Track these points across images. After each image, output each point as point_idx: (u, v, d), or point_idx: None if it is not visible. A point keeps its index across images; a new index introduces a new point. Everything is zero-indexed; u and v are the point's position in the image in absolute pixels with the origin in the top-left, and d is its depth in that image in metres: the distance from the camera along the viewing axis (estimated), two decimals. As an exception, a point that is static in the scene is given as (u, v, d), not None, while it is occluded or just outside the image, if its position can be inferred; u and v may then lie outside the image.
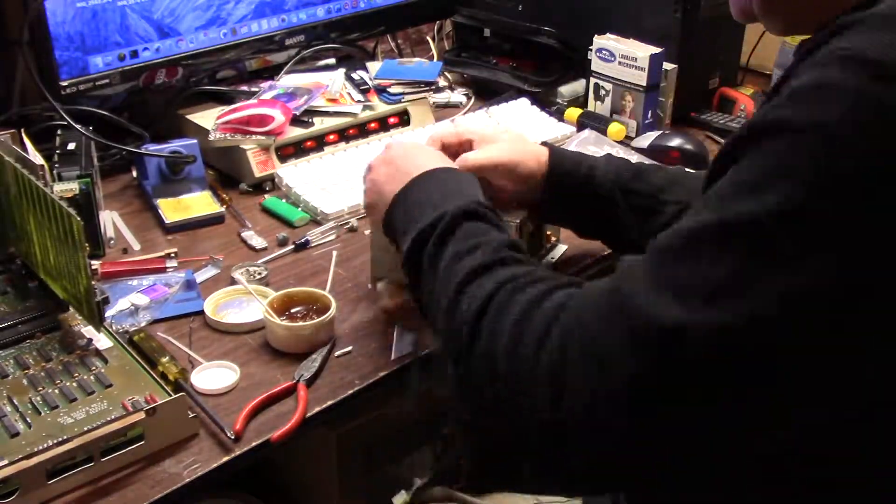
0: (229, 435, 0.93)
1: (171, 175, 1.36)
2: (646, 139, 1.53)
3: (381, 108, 1.55)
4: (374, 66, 1.63)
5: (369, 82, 1.59)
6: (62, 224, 0.96)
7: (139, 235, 1.30)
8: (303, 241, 1.28)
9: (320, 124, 1.48)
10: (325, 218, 1.33)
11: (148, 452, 0.91)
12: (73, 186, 1.19)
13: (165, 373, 0.99)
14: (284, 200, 1.38)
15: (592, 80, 1.62)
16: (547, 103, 1.68)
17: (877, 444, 0.72)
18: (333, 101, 1.53)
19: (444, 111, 1.69)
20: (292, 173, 1.41)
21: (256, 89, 1.53)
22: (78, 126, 1.31)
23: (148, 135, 1.43)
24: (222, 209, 1.35)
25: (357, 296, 1.17)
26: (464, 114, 1.67)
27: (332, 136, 1.49)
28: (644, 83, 1.54)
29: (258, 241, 1.28)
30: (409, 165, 0.98)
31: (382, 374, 1.04)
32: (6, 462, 0.85)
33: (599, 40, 1.59)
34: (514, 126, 1.59)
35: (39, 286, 1.10)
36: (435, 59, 1.83)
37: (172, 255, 1.22)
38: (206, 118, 1.46)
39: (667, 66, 1.56)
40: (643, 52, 1.53)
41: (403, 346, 1.07)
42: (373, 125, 1.53)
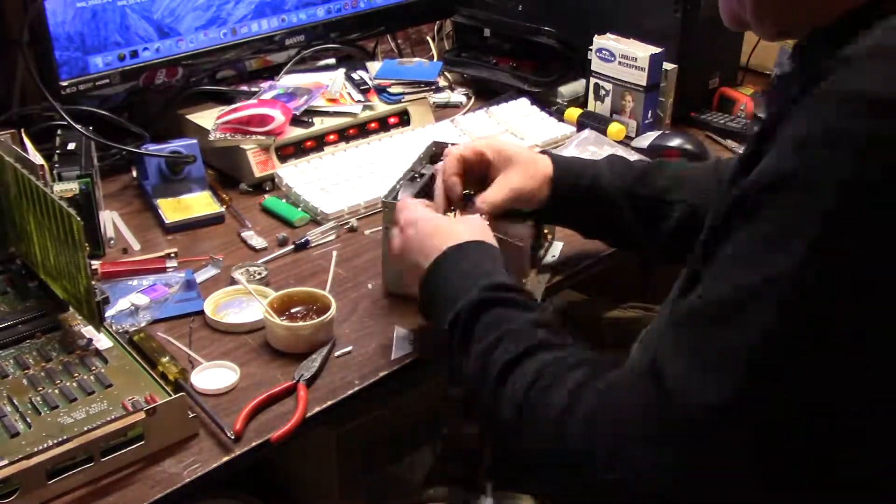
0: (229, 435, 0.93)
1: (171, 175, 1.36)
2: (646, 139, 1.53)
3: (381, 108, 1.55)
4: (374, 66, 1.63)
5: (369, 82, 1.59)
6: (62, 224, 0.96)
7: (139, 235, 1.30)
8: (303, 241, 1.28)
9: (320, 124, 1.48)
10: (325, 218, 1.33)
11: (148, 452, 0.91)
12: (73, 186, 1.19)
13: (165, 373, 0.99)
14: (284, 200, 1.38)
15: (592, 80, 1.62)
16: (547, 103, 1.68)
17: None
18: (333, 101, 1.53)
19: (444, 111, 1.69)
20: (292, 173, 1.41)
21: (256, 89, 1.53)
22: (78, 126, 1.31)
23: (148, 135, 1.43)
24: (222, 209, 1.35)
25: (357, 296, 1.17)
26: (464, 114, 1.67)
27: (332, 136, 1.49)
28: (644, 83, 1.54)
29: (258, 241, 1.28)
30: (434, 241, 0.98)
31: (382, 374, 1.04)
32: (6, 462, 0.85)
33: (599, 40, 1.59)
34: (514, 126, 1.59)
35: (39, 286, 1.10)
36: (435, 59, 1.83)
37: (172, 255, 1.22)
38: (206, 118, 1.46)
39: (667, 66, 1.56)
40: (643, 52, 1.53)
41: (403, 346, 1.07)
42: (373, 125, 1.53)
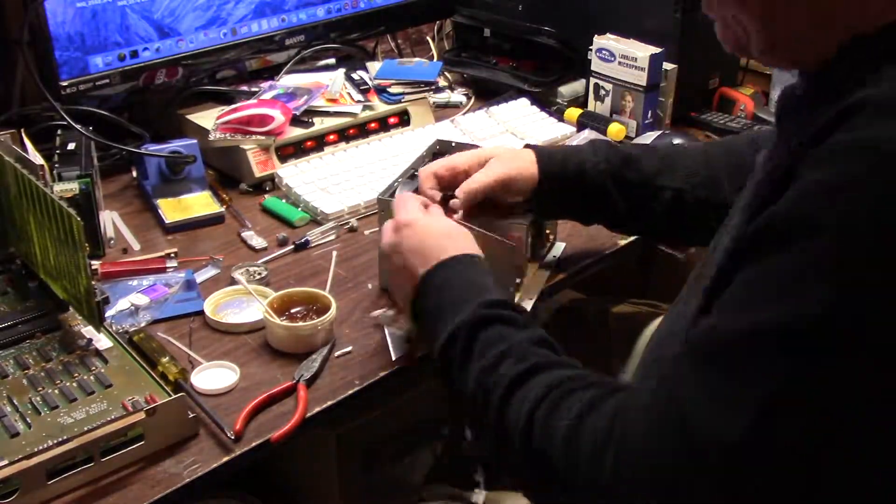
0: (229, 435, 0.93)
1: (171, 175, 1.36)
2: (646, 139, 1.53)
3: (381, 108, 1.55)
4: (374, 66, 1.63)
5: (369, 82, 1.59)
6: (62, 224, 0.96)
7: (139, 235, 1.30)
8: (303, 241, 1.28)
9: (320, 124, 1.48)
10: (325, 218, 1.33)
11: (148, 452, 0.91)
12: (73, 186, 1.19)
13: (165, 373, 0.99)
14: (284, 200, 1.38)
15: (592, 80, 1.62)
16: (547, 103, 1.68)
17: None
18: (333, 101, 1.53)
19: (444, 111, 1.69)
20: (292, 173, 1.41)
21: (256, 89, 1.53)
22: (78, 126, 1.31)
23: (148, 135, 1.43)
24: (222, 209, 1.35)
25: (357, 296, 1.17)
26: (464, 114, 1.67)
27: (332, 136, 1.49)
28: (644, 83, 1.54)
29: (258, 241, 1.28)
30: (426, 252, 0.98)
31: (382, 374, 1.04)
32: (6, 462, 0.85)
33: (599, 40, 1.59)
34: (514, 126, 1.59)
35: (39, 286, 1.10)
36: (435, 59, 1.83)
37: (172, 255, 1.22)
38: (206, 118, 1.46)
39: (667, 66, 1.56)
40: (643, 52, 1.53)
41: (400, 346, 1.07)
42: (373, 125, 1.53)
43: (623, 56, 1.56)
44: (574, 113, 1.63)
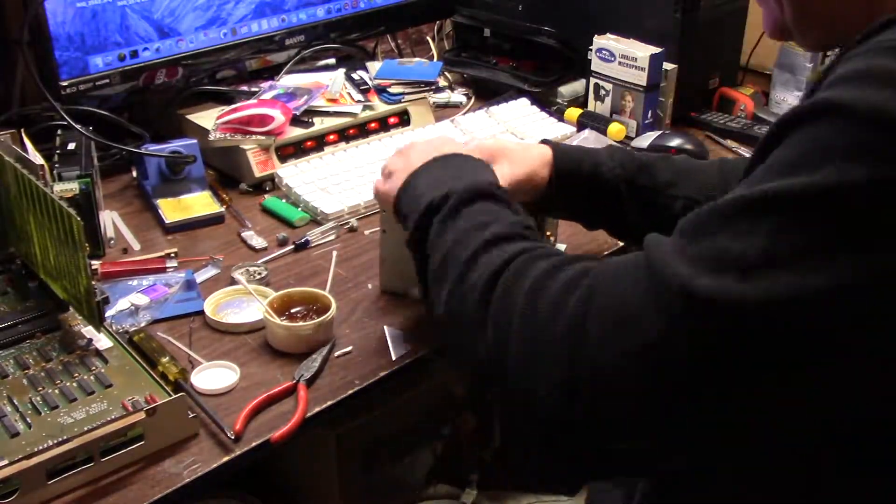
0: (229, 435, 0.93)
1: (171, 175, 1.36)
2: (646, 139, 1.53)
3: (381, 108, 1.55)
4: (374, 66, 1.63)
5: (369, 82, 1.59)
6: (62, 224, 0.96)
7: (139, 235, 1.30)
8: (303, 241, 1.28)
9: (320, 124, 1.48)
10: (325, 218, 1.33)
11: (148, 452, 0.91)
12: (73, 186, 1.19)
13: (165, 373, 0.99)
14: (284, 200, 1.38)
15: (592, 80, 1.62)
16: (547, 103, 1.68)
17: None
18: (333, 101, 1.53)
19: (444, 111, 1.69)
20: (292, 173, 1.41)
21: (256, 89, 1.53)
22: (78, 126, 1.31)
23: (148, 135, 1.43)
24: (222, 209, 1.35)
25: (357, 296, 1.17)
26: (464, 114, 1.67)
27: (332, 136, 1.49)
28: (644, 83, 1.54)
29: (258, 241, 1.28)
30: (424, 154, 0.97)
31: (382, 374, 1.04)
32: (6, 462, 0.85)
33: (599, 40, 1.59)
34: (514, 126, 1.59)
35: (39, 286, 1.10)
36: (435, 59, 1.83)
37: (172, 255, 1.22)
38: (206, 118, 1.46)
39: (667, 66, 1.56)
40: (643, 52, 1.54)
41: (400, 346, 1.07)
42: (373, 125, 1.53)
43: (623, 56, 1.56)
44: (574, 113, 1.63)
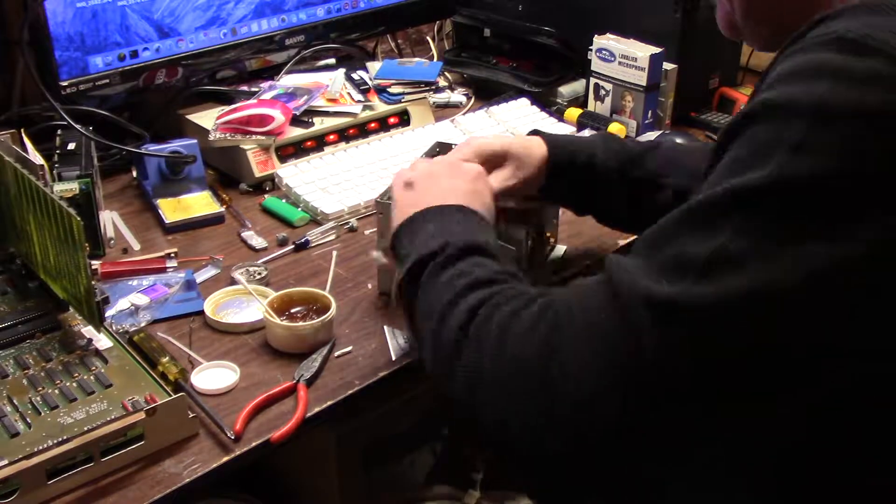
0: (229, 435, 0.93)
1: (171, 175, 1.36)
2: (646, 139, 1.53)
3: (381, 108, 1.55)
4: (374, 66, 1.63)
5: (369, 82, 1.59)
6: (62, 224, 0.96)
7: (139, 235, 1.30)
8: (303, 241, 1.28)
9: (320, 124, 1.48)
10: (325, 218, 1.33)
11: (148, 452, 0.91)
12: (73, 186, 1.19)
13: (165, 373, 0.99)
14: (284, 200, 1.38)
15: (592, 80, 1.62)
16: (547, 103, 1.68)
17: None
18: (333, 101, 1.53)
19: (444, 111, 1.69)
20: (292, 173, 1.41)
21: (256, 89, 1.53)
22: (78, 126, 1.31)
23: (148, 135, 1.43)
24: (222, 209, 1.35)
25: (357, 296, 1.17)
26: (464, 114, 1.67)
27: (332, 136, 1.49)
28: (644, 83, 1.54)
29: (258, 241, 1.28)
30: (435, 193, 0.97)
31: (382, 374, 1.04)
32: (6, 462, 0.85)
33: (599, 40, 1.59)
34: (514, 126, 1.59)
35: (39, 286, 1.10)
36: (435, 59, 1.83)
37: (172, 255, 1.22)
38: (206, 118, 1.46)
39: (667, 66, 1.56)
40: (643, 52, 1.54)
41: (400, 346, 1.07)
42: (373, 125, 1.53)
43: (623, 56, 1.56)
44: (574, 113, 1.63)
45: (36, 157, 1.09)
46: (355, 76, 1.59)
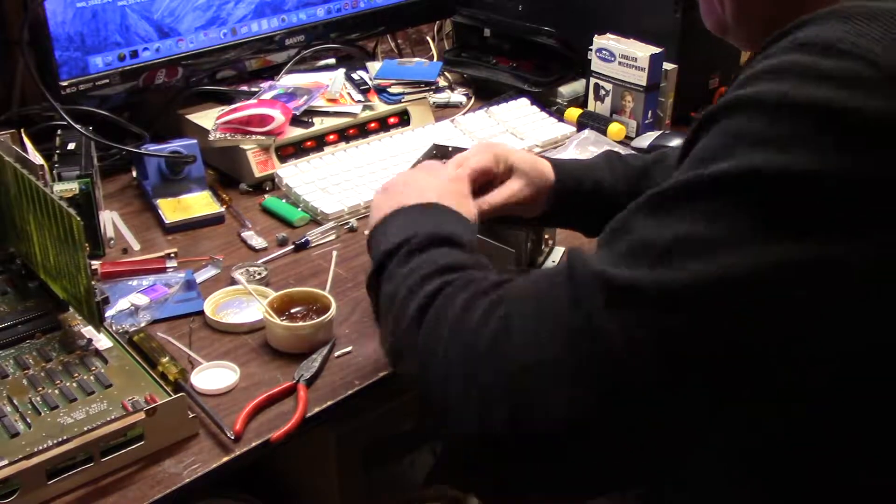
0: (229, 435, 0.93)
1: (171, 175, 1.36)
2: (646, 139, 1.53)
3: (381, 108, 1.55)
4: (374, 66, 1.63)
5: (369, 82, 1.59)
6: (62, 224, 0.96)
7: (139, 235, 1.30)
8: (303, 241, 1.28)
9: (320, 124, 1.48)
10: (325, 218, 1.33)
11: (148, 452, 0.91)
12: (73, 186, 1.19)
13: (165, 373, 0.99)
14: (284, 200, 1.38)
15: (592, 80, 1.62)
16: (547, 103, 1.69)
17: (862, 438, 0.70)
18: (333, 101, 1.53)
19: (444, 111, 1.69)
20: (292, 173, 1.41)
21: (256, 89, 1.53)
22: (78, 126, 1.31)
23: (148, 135, 1.43)
24: (222, 209, 1.35)
25: (357, 296, 1.17)
26: (464, 114, 1.67)
27: (332, 136, 1.49)
28: (644, 83, 1.54)
29: (258, 241, 1.28)
30: (408, 193, 0.97)
31: (382, 374, 1.04)
32: (6, 462, 0.85)
33: (599, 40, 1.59)
34: (514, 126, 1.59)
35: (39, 286, 1.10)
36: (435, 59, 1.83)
37: (172, 255, 1.22)
38: (206, 118, 1.46)
39: (667, 66, 1.56)
40: (643, 52, 1.54)
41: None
42: (373, 125, 1.53)
43: (623, 56, 1.56)
44: (574, 113, 1.63)
45: (36, 157, 1.09)
46: (355, 76, 1.59)
